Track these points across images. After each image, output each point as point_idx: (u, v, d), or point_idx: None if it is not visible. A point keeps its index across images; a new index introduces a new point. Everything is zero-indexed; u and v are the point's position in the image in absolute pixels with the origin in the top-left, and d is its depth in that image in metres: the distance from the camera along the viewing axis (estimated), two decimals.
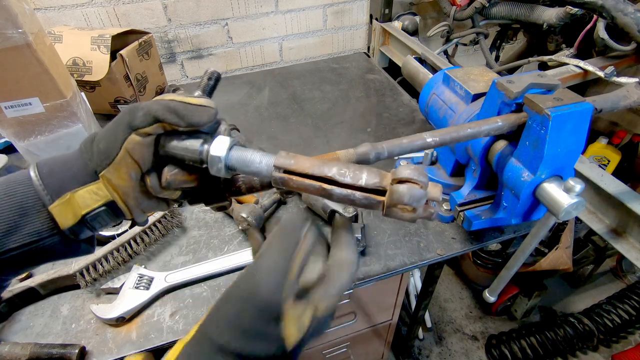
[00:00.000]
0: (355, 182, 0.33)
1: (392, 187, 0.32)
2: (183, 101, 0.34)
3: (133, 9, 1.19)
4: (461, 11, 1.24)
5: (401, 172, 0.32)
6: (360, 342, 1.19)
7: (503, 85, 0.56)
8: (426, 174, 0.33)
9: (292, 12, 1.37)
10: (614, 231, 0.77)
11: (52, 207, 0.33)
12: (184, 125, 0.34)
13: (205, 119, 0.34)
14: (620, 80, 0.91)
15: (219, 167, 0.34)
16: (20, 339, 0.61)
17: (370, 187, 0.33)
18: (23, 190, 0.33)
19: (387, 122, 1.11)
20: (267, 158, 0.35)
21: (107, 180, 0.34)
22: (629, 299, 1.53)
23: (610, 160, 1.41)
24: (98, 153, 0.34)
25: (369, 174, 0.33)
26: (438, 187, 0.33)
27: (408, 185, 0.31)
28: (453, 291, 1.95)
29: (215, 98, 0.38)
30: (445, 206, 0.76)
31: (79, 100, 0.83)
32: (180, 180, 0.36)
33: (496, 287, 0.68)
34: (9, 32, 0.66)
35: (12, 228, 0.32)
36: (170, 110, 0.33)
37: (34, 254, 0.34)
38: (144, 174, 0.36)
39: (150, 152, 0.35)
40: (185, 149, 0.35)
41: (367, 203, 0.33)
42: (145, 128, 0.33)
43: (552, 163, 0.54)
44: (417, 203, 0.31)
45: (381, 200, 0.32)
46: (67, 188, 0.34)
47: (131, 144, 0.33)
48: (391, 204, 0.32)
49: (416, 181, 0.31)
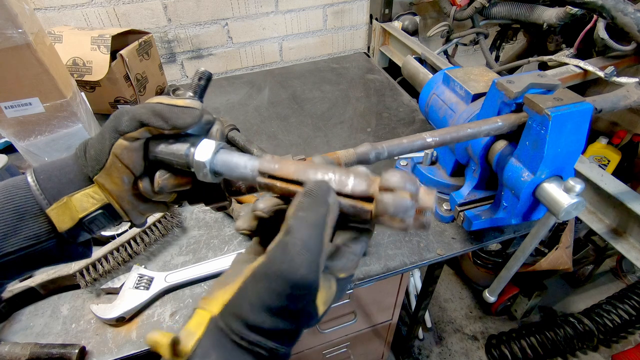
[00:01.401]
0: (341, 188, 0.29)
1: (377, 197, 0.29)
2: (169, 104, 0.34)
3: (133, 9, 1.19)
4: (461, 11, 1.24)
5: (387, 180, 0.28)
6: (360, 342, 1.20)
7: (503, 85, 0.56)
8: (417, 180, 0.29)
9: (292, 12, 1.37)
10: (614, 231, 0.77)
11: (49, 211, 0.33)
12: (169, 128, 0.33)
13: (189, 120, 0.34)
14: (620, 80, 0.91)
15: (204, 172, 0.33)
16: (20, 339, 0.61)
17: (357, 195, 0.29)
18: (21, 195, 0.33)
19: (387, 122, 1.11)
20: (252, 162, 0.33)
21: (100, 185, 0.35)
22: (629, 299, 1.53)
23: (610, 160, 1.41)
24: (90, 159, 0.35)
25: (355, 179, 0.30)
26: (431, 194, 0.30)
27: (394, 195, 0.28)
28: (453, 291, 1.95)
29: (215, 98, 0.38)
30: (445, 206, 0.76)
31: (79, 100, 0.83)
32: (172, 184, 0.36)
33: (496, 287, 0.68)
34: (9, 32, 0.66)
35: (9, 232, 0.32)
36: (155, 114, 0.33)
37: (32, 258, 0.34)
38: (137, 178, 0.36)
39: (139, 157, 0.35)
40: (172, 154, 0.34)
41: (355, 212, 0.30)
42: (131, 133, 0.33)
43: (552, 163, 0.54)
44: (403, 214, 0.28)
45: (369, 209, 0.29)
46: (65, 192, 0.34)
47: (119, 149, 0.33)
48: (377, 214, 0.29)
49: (403, 190, 0.28)
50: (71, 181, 0.35)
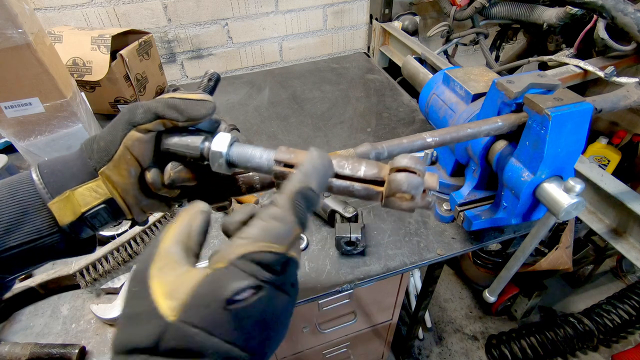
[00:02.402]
0: (354, 173, 0.33)
1: (390, 176, 0.32)
2: (182, 97, 0.35)
3: (133, 9, 1.19)
4: (461, 11, 1.23)
5: (399, 161, 0.32)
6: (360, 342, 1.20)
7: (503, 85, 0.56)
8: (423, 162, 0.34)
9: (292, 12, 1.37)
10: (614, 231, 0.77)
11: (51, 204, 0.33)
12: (183, 120, 0.34)
13: (204, 111, 0.35)
14: (620, 80, 0.91)
15: (220, 162, 0.35)
16: (20, 339, 0.61)
17: (369, 178, 0.33)
18: (25, 189, 0.34)
19: (387, 122, 1.11)
20: (267, 153, 0.35)
21: (106, 177, 0.35)
22: (629, 299, 1.53)
23: (610, 160, 1.41)
24: (98, 151, 0.35)
25: (367, 165, 0.33)
26: (435, 176, 0.33)
27: (406, 174, 0.32)
28: (453, 291, 1.95)
29: (215, 98, 0.38)
30: (445, 206, 0.76)
31: (79, 100, 0.83)
32: (183, 177, 0.37)
33: (496, 287, 0.68)
34: (9, 32, 0.66)
35: (12, 226, 0.33)
36: (169, 106, 0.34)
37: (35, 252, 0.34)
38: (144, 170, 0.36)
39: (150, 149, 0.35)
40: (187, 146, 0.35)
41: (366, 194, 0.33)
42: (145, 124, 0.34)
43: (552, 163, 0.54)
44: (415, 190, 0.32)
45: (380, 190, 0.33)
46: (67, 186, 0.34)
47: (130, 140, 0.34)
48: (390, 193, 0.32)
49: (414, 169, 0.32)
50: (74, 175, 0.35)
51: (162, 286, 0.23)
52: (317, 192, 0.27)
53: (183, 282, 0.23)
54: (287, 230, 0.25)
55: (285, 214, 0.25)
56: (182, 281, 0.24)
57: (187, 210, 0.29)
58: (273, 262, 0.24)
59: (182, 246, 0.27)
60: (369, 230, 0.77)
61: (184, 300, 0.22)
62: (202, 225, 0.29)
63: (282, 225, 0.25)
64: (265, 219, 0.25)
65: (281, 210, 0.26)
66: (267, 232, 0.25)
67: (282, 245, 0.25)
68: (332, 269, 0.70)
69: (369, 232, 0.77)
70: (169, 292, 0.23)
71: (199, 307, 0.22)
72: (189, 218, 0.29)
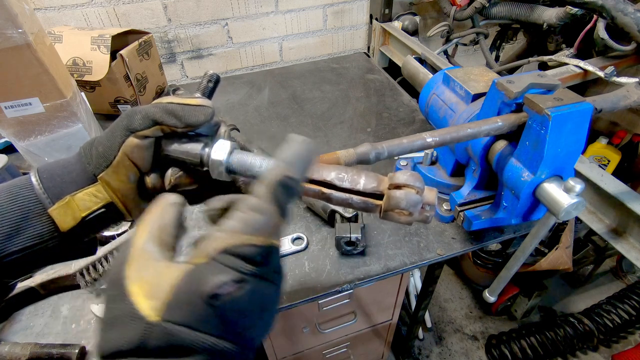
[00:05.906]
0: (354, 186, 0.34)
1: (389, 192, 0.33)
2: (181, 102, 0.34)
3: (133, 9, 1.19)
4: (461, 11, 1.24)
5: (398, 178, 0.33)
6: (360, 342, 1.20)
7: (503, 85, 0.56)
8: (422, 179, 0.34)
9: (292, 12, 1.37)
10: (614, 231, 0.77)
11: (51, 210, 0.33)
12: (182, 126, 0.34)
13: (202, 118, 0.34)
14: (620, 80, 0.91)
15: (219, 170, 0.35)
16: (20, 339, 0.61)
17: (368, 192, 0.33)
18: (24, 194, 0.34)
19: (387, 122, 1.11)
20: (267, 162, 0.35)
21: (105, 182, 0.35)
22: (629, 299, 1.53)
23: (610, 160, 1.41)
24: (97, 156, 0.35)
25: (366, 178, 0.34)
26: (433, 191, 0.34)
27: (405, 191, 0.32)
28: (453, 291, 1.95)
29: (215, 98, 0.38)
30: (445, 206, 0.76)
31: (79, 100, 0.83)
32: (183, 183, 0.37)
33: (496, 287, 0.68)
34: (9, 32, 0.66)
35: (14, 231, 0.32)
36: (168, 112, 0.34)
37: (36, 256, 0.34)
38: (144, 174, 0.36)
39: (149, 155, 0.35)
40: (186, 153, 0.35)
41: (365, 207, 0.34)
42: (143, 130, 0.34)
43: (552, 163, 0.54)
44: (413, 208, 0.32)
45: (378, 204, 0.33)
46: (67, 191, 0.34)
47: (129, 146, 0.34)
48: (388, 209, 0.33)
49: (412, 187, 0.32)
50: (74, 180, 0.35)
51: (141, 286, 0.23)
52: (298, 180, 0.27)
53: (163, 280, 0.23)
54: (267, 221, 0.25)
55: (264, 205, 0.25)
56: (162, 279, 0.23)
57: (157, 205, 0.29)
58: (254, 254, 0.24)
59: (156, 241, 0.26)
60: (369, 230, 0.77)
61: (165, 299, 0.22)
62: (175, 218, 0.29)
63: (262, 217, 0.25)
64: (244, 211, 0.25)
65: (261, 201, 0.25)
66: (247, 225, 0.24)
67: (262, 237, 0.24)
68: (332, 269, 0.70)
69: (369, 232, 0.77)
70: (149, 291, 0.23)
71: (182, 305, 0.22)
72: (160, 212, 0.28)
